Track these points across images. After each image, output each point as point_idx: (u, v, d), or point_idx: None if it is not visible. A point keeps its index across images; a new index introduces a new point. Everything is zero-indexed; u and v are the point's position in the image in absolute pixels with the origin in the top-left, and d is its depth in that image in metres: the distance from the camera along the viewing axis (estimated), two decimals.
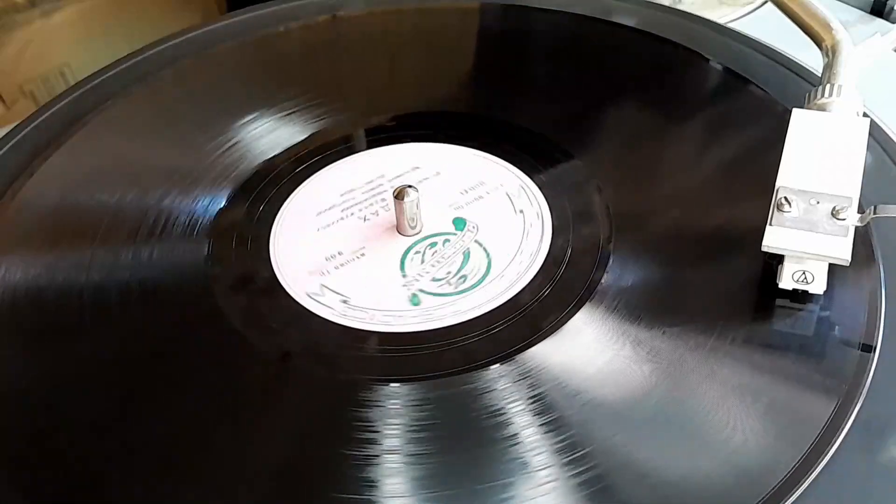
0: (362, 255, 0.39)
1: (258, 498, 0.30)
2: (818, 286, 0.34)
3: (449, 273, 0.37)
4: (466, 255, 0.38)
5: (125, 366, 0.35)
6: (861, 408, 0.31)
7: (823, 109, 0.39)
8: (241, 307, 0.37)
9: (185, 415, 0.33)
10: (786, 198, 0.34)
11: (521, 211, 0.40)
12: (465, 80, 0.51)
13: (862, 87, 0.41)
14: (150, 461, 0.31)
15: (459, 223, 0.40)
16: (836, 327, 0.34)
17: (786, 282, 0.34)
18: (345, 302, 0.36)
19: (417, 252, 0.38)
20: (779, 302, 0.35)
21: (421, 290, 0.37)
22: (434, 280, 0.37)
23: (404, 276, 0.38)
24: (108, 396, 0.34)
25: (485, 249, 0.38)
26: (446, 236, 0.39)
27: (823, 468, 0.29)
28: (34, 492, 0.31)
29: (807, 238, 0.33)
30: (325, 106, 0.46)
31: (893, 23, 0.56)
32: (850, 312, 0.34)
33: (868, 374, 0.32)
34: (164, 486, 0.31)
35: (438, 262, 0.38)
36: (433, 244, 0.39)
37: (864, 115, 0.40)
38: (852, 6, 0.57)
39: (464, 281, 0.37)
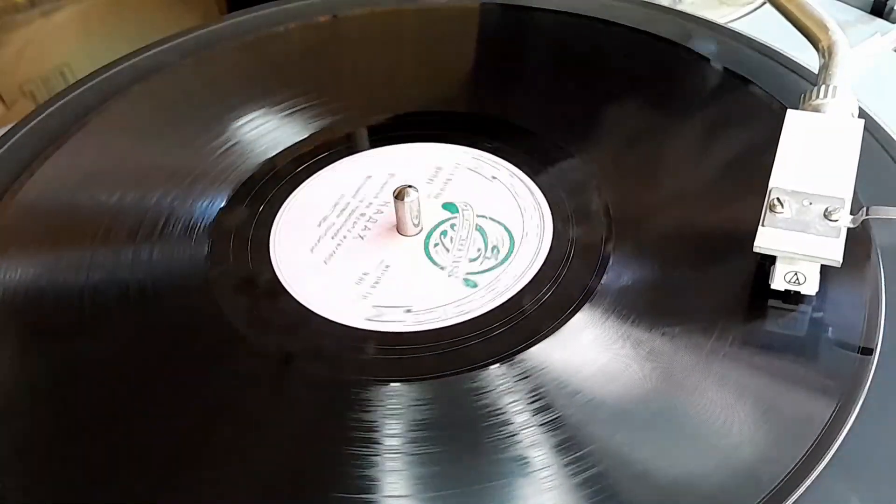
0: (387, 266, 0.38)
1: (258, 498, 0.30)
2: (810, 287, 0.34)
3: (480, 250, 0.38)
4: (482, 231, 0.39)
5: (125, 366, 0.35)
6: (861, 409, 0.31)
7: (818, 110, 0.39)
8: (242, 307, 0.37)
9: (185, 415, 0.33)
10: (778, 199, 0.34)
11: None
12: (465, 80, 0.51)
13: (862, 87, 0.41)
14: (150, 462, 0.31)
15: (451, 207, 0.40)
16: (838, 329, 0.34)
17: (778, 283, 0.34)
18: (409, 311, 0.36)
19: (437, 244, 0.39)
20: (779, 303, 0.35)
21: (469, 273, 0.37)
22: (472, 260, 0.38)
23: (442, 268, 0.38)
24: (108, 397, 0.34)
25: (492, 220, 0.39)
26: (449, 221, 0.40)
27: (823, 469, 0.29)
28: (34, 492, 0.31)
29: (799, 239, 0.33)
30: (325, 106, 0.46)
31: (893, 23, 0.56)
32: (851, 314, 0.34)
33: (868, 375, 0.32)
34: (165, 486, 0.31)
35: (462, 244, 0.38)
36: (444, 233, 0.39)
37: (860, 115, 0.40)
38: (852, 6, 0.57)
39: (498, 251, 0.38)
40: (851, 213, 0.34)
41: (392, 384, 0.33)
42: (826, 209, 0.34)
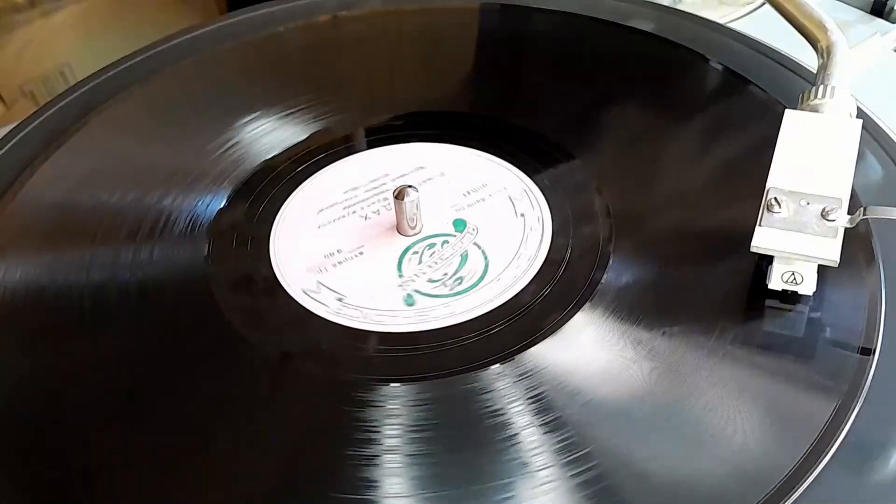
0: (360, 253, 0.39)
1: (258, 498, 0.30)
2: (808, 287, 0.34)
3: (445, 275, 0.37)
4: (464, 258, 0.38)
5: (125, 366, 0.35)
6: (861, 409, 0.31)
7: (816, 111, 0.39)
8: (241, 307, 0.37)
9: (184, 414, 0.33)
10: (776, 198, 0.34)
11: (522, 214, 0.40)
12: (465, 81, 0.51)
13: (862, 87, 0.41)
14: (150, 461, 0.31)
15: (459, 224, 0.40)
16: (838, 329, 0.34)
17: (775, 282, 0.34)
18: (340, 300, 0.37)
19: (416, 252, 0.38)
20: (780, 303, 0.35)
21: (416, 291, 0.37)
22: (430, 281, 0.37)
23: (401, 276, 0.38)
24: (108, 396, 0.34)
25: (483, 252, 0.38)
26: (445, 237, 0.39)
27: (823, 469, 0.29)
28: (34, 491, 0.31)
29: (796, 239, 0.33)
30: (325, 106, 0.46)
31: (893, 23, 0.56)
32: (852, 314, 0.34)
33: (868, 375, 0.32)
34: (164, 486, 0.31)
35: (436, 263, 0.38)
36: (432, 245, 0.39)
37: (859, 115, 0.40)
38: (852, 6, 0.57)
39: (459, 283, 0.37)
40: (849, 213, 0.34)
41: (392, 384, 0.33)
42: (823, 209, 0.34)
